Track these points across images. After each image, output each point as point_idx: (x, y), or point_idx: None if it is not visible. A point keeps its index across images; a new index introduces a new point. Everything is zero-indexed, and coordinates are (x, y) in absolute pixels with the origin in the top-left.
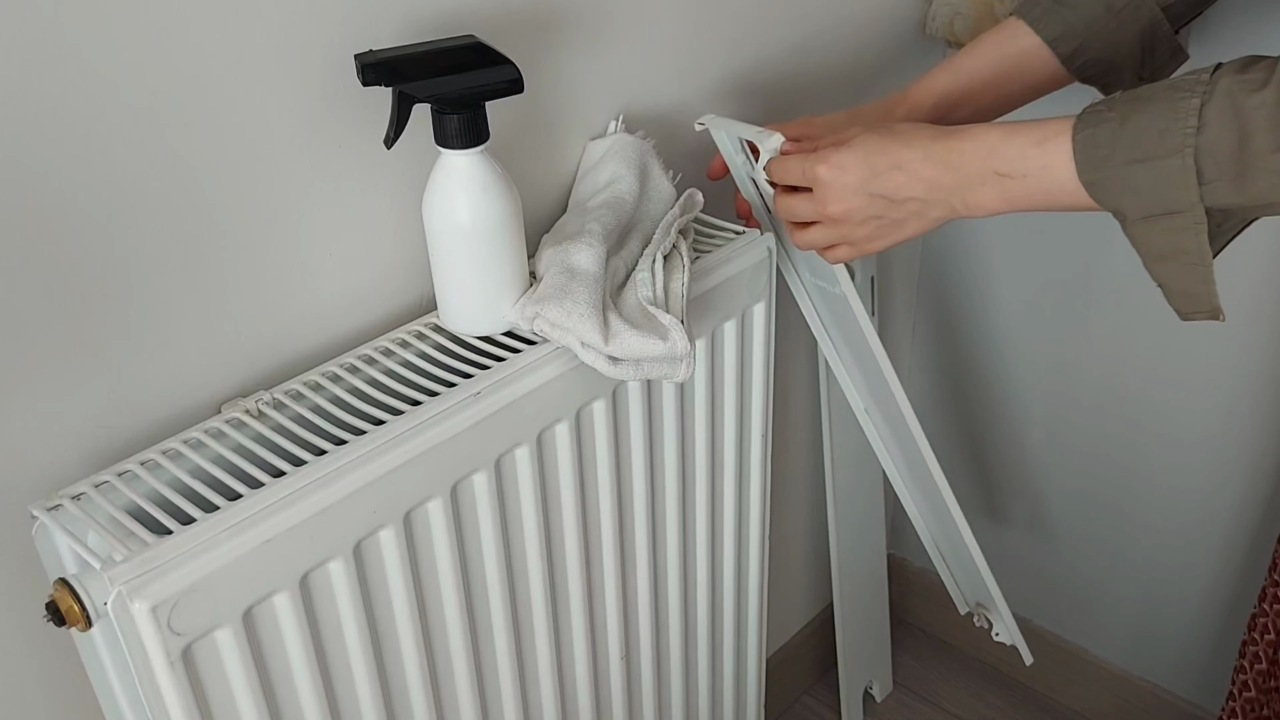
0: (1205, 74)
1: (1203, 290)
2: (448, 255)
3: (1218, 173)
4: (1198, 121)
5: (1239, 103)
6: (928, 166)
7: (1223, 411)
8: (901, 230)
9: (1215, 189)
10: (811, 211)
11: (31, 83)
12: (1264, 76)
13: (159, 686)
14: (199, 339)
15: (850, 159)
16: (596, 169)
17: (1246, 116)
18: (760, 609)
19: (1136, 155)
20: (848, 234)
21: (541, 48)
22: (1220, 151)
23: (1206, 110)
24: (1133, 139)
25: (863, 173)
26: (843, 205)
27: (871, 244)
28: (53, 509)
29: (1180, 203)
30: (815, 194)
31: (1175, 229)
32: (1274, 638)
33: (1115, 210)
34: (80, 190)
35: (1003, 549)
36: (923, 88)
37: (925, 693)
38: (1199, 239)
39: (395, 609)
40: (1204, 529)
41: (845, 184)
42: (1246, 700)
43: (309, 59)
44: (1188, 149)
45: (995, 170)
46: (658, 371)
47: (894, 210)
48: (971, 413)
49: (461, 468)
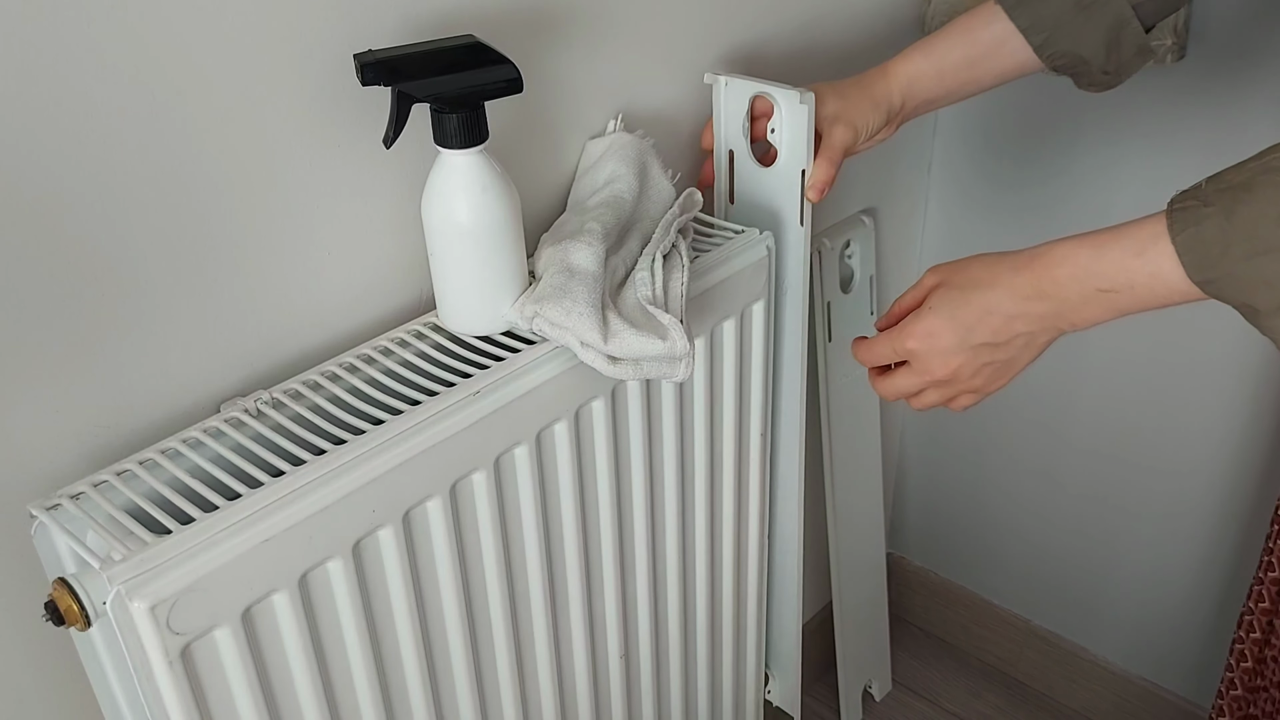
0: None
1: None
2: (447, 254)
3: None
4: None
5: None
6: (1019, 303)
7: (1217, 413)
8: (1017, 363)
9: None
10: (919, 383)
11: (30, 83)
12: None
13: (158, 686)
14: (198, 338)
15: (938, 323)
16: (595, 168)
17: None
18: (760, 609)
19: (1257, 248)
20: (965, 387)
21: (541, 47)
22: None
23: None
24: (1247, 231)
25: (956, 332)
26: (948, 368)
27: (994, 385)
28: (51, 508)
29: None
30: (914, 365)
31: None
32: (1260, 636)
33: (1242, 305)
34: (79, 190)
35: (1002, 549)
36: (899, 67)
37: (924, 692)
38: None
39: (394, 608)
40: (1198, 530)
41: (942, 348)
42: (1234, 698)
43: (308, 59)
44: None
45: (1097, 289)
46: (657, 371)
47: (1001, 352)
48: (968, 414)
49: (460, 467)
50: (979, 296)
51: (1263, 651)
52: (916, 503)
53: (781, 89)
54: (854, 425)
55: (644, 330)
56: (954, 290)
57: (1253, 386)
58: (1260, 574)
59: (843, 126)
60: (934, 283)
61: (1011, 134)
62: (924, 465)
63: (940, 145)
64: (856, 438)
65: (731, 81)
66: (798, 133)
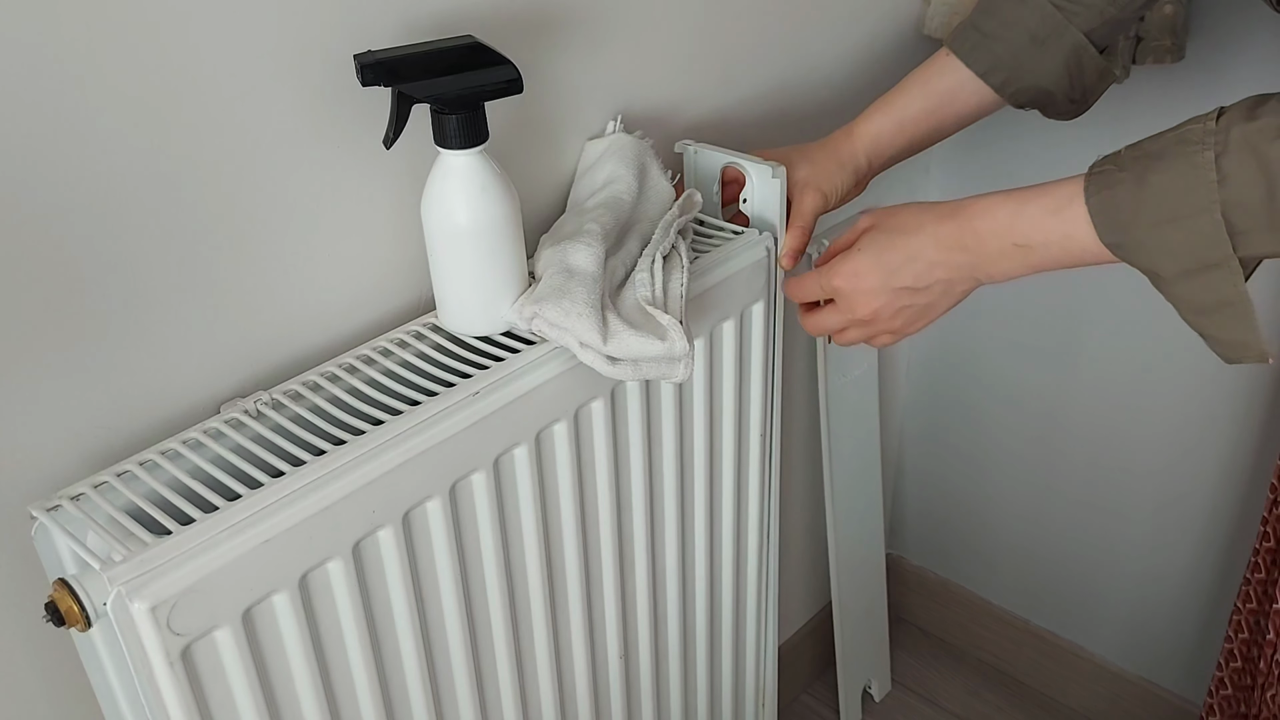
0: (1210, 121)
1: (1250, 337)
2: (446, 255)
3: (1250, 224)
4: (1218, 175)
5: (1262, 153)
6: (941, 251)
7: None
8: (935, 309)
9: (1249, 239)
10: (842, 320)
11: (29, 84)
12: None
13: (158, 687)
14: (198, 339)
15: (864, 262)
16: (595, 169)
17: (1272, 166)
18: (760, 608)
19: (1164, 216)
20: (884, 327)
21: (540, 48)
22: (1250, 203)
23: (1224, 162)
24: (1155, 200)
25: (879, 273)
26: (869, 307)
27: (912, 328)
28: (52, 509)
29: (1215, 257)
30: (839, 304)
31: (1214, 283)
32: (1248, 635)
33: (1148, 270)
34: (79, 190)
35: (1001, 549)
36: (862, 127)
37: (924, 691)
38: (1238, 288)
39: (394, 609)
40: (1189, 530)
41: (865, 288)
42: (1223, 697)
43: (308, 60)
44: (1214, 204)
45: (1014, 243)
46: (656, 371)
47: (921, 296)
48: (968, 413)
49: (460, 467)
50: (905, 242)
51: (1250, 650)
52: (916, 503)
53: (753, 162)
54: (854, 425)
55: (643, 331)
56: (882, 234)
57: (1241, 393)
58: (1248, 574)
59: (813, 192)
60: (866, 225)
61: (1011, 134)
62: (923, 465)
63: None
64: (856, 438)
65: (701, 150)
66: (770, 204)
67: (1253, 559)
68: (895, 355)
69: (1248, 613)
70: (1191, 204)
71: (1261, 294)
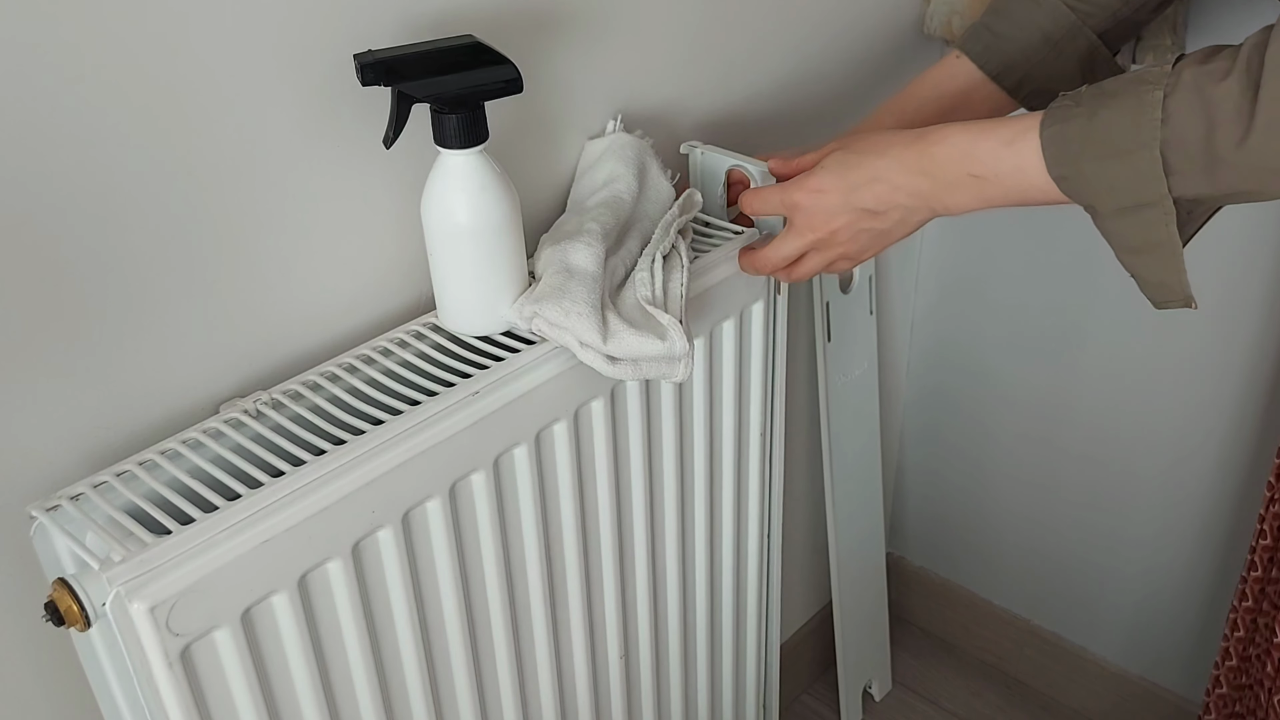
0: (1168, 65)
1: (1175, 280)
2: (446, 255)
3: (1186, 164)
4: (1162, 114)
5: (1205, 94)
6: (904, 175)
7: (1206, 417)
8: (890, 236)
9: (1183, 180)
10: (799, 245)
11: (29, 84)
12: (1227, 66)
13: (157, 687)
14: (197, 339)
15: (827, 180)
16: (595, 168)
17: (1213, 107)
18: (760, 608)
19: (1106, 150)
20: (842, 251)
21: (540, 47)
22: (1188, 143)
23: (1170, 102)
24: (1102, 134)
25: (843, 191)
26: (829, 226)
27: (866, 253)
28: (51, 509)
29: (1150, 195)
30: (797, 222)
31: (1146, 222)
32: (1244, 634)
33: (1087, 205)
34: (78, 190)
35: (1001, 549)
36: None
37: (924, 691)
38: (1169, 230)
39: (394, 609)
40: (1189, 530)
41: (827, 205)
42: (1219, 696)
43: (308, 59)
44: (1154, 142)
45: (969, 172)
46: (656, 371)
47: (879, 220)
48: (969, 413)
49: (460, 467)
50: (870, 162)
51: (1247, 650)
52: (916, 503)
53: (757, 164)
54: (854, 425)
55: (643, 330)
56: (849, 154)
57: (1241, 392)
58: (1244, 574)
59: None
60: (834, 147)
61: None
62: (923, 465)
63: None
64: (856, 438)
65: (707, 152)
66: None
67: (1249, 558)
68: (895, 355)
69: (1244, 611)
70: (1134, 139)
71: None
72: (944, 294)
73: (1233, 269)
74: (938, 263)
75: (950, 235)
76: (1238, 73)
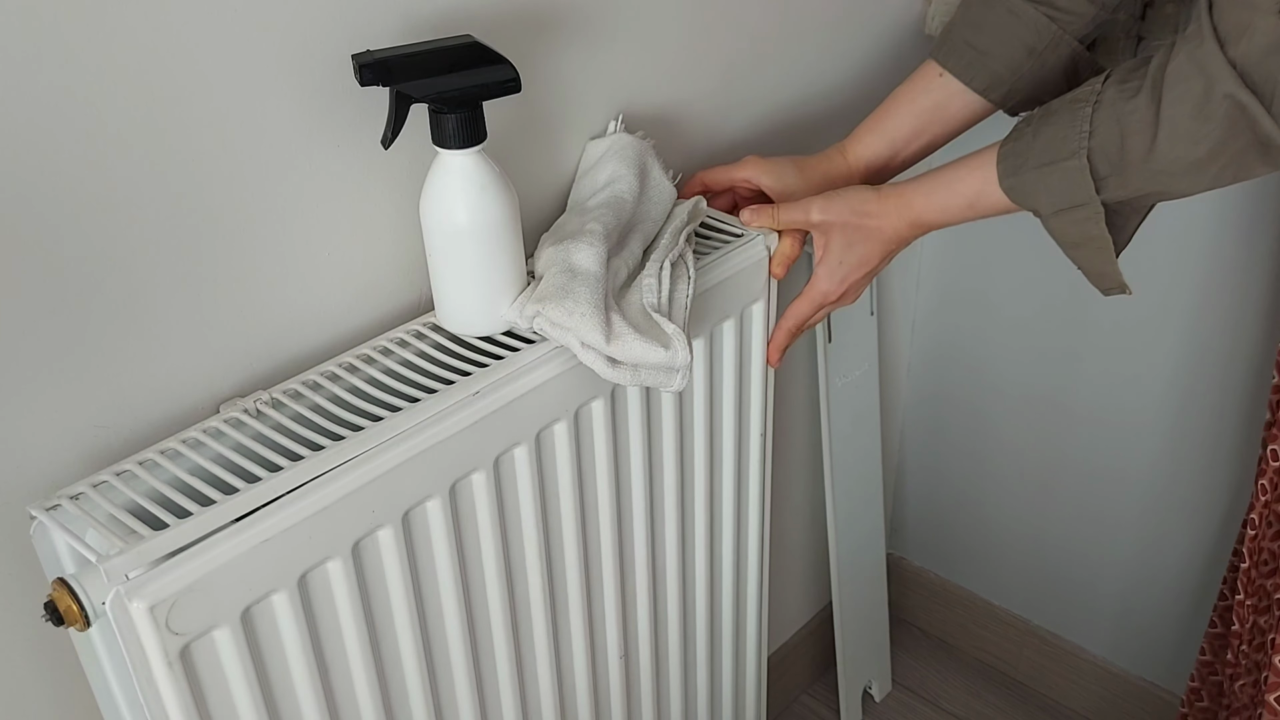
0: (1099, 83)
1: (1110, 269)
2: (446, 255)
3: (1108, 170)
4: (1089, 127)
5: (1119, 109)
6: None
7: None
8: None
9: (1108, 184)
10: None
11: (29, 84)
12: (1138, 84)
13: (157, 686)
14: (197, 339)
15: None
16: (596, 168)
17: (1124, 122)
18: (760, 608)
19: (1045, 160)
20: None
21: (540, 47)
22: (1108, 152)
23: (1095, 116)
24: (1043, 147)
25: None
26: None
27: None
28: (51, 509)
29: (1081, 197)
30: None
31: (1080, 219)
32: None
33: (1032, 209)
34: (77, 190)
35: (1001, 549)
36: (855, 150)
37: (924, 692)
38: (1100, 226)
39: (394, 608)
40: (1184, 530)
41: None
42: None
43: (306, 59)
44: (1081, 151)
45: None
46: (654, 379)
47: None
48: (968, 413)
49: (460, 467)
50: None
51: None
52: (916, 503)
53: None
54: (854, 425)
55: (647, 336)
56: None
57: (1243, 393)
58: (1226, 573)
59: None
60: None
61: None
62: (924, 465)
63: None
64: (857, 439)
65: None
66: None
67: (1232, 559)
68: (896, 356)
69: (1221, 609)
70: (1066, 150)
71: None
72: (945, 296)
73: (1229, 277)
74: (939, 264)
75: (951, 238)
76: (1145, 91)
